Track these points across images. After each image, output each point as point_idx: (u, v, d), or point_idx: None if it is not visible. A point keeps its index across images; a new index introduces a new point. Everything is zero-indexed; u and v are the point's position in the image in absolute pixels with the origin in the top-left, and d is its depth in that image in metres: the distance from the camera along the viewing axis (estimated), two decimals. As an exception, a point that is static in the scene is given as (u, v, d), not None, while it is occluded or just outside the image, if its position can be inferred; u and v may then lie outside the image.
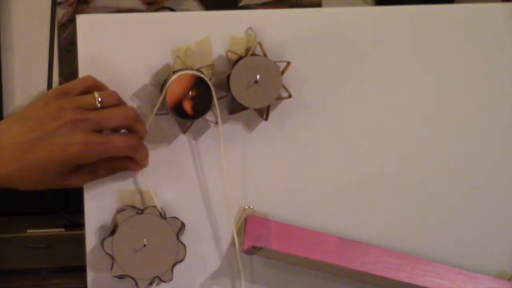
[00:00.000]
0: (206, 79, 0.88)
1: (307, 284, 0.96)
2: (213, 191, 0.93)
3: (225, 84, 0.91)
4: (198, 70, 0.89)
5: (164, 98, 0.88)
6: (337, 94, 0.95)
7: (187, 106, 0.89)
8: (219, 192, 0.93)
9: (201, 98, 0.89)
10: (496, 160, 0.97)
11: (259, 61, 0.90)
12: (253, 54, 0.91)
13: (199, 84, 0.88)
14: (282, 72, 0.91)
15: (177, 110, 0.88)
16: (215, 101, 0.89)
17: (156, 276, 0.89)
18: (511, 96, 0.97)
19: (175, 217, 0.90)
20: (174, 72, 0.89)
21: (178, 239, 0.90)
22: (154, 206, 0.90)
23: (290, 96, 0.92)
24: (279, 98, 0.92)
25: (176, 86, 0.88)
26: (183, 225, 0.91)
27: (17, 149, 0.82)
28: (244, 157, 0.94)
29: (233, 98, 0.90)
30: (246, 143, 0.94)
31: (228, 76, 0.89)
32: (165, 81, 0.90)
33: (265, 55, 0.91)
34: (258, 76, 0.89)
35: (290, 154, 0.95)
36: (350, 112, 0.95)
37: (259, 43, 0.91)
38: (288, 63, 0.91)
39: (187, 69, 0.89)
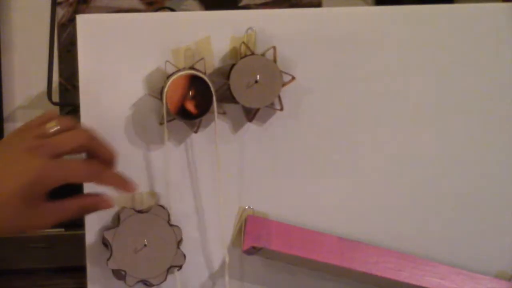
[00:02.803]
0: (201, 75, 0.88)
1: (307, 284, 0.96)
2: (213, 191, 0.93)
3: (226, 73, 0.90)
4: (191, 68, 0.89)
5: (166, 106, 0.88)
6: (336, 93, 0.95)
7: (190, 106, 0.89)
8: (219, 192, 0.93)
9: (202, 95, 0.89)
10: (496, 160, 0.97)
11: (260, 61, 0.90)
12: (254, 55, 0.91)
13: (196, 82, 0.88)
14: (284, 84, 0.91)
15: (182, 113, 0.88)
16: (214, 102, 0.89)
17: (170, 266, 0.89)
18: (511, 95, 0.97)
19: (178, 226, 0.90)
20: (168, 77, 0.89)
21: (178, 247, 0.90)
22: (161, 206, 0.90)
23: (281, 109, 0.92)
24: (271, 107, 0.91)
25: (173, 90, 0.88)
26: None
27: None
28: (244, 157, 0.94)
29: (228, 89, 0.90)
30: (246, 143, 0.94)
31: (232, 67, 0.89)
32: (163, 87, 0.90)
33: (275, 61, 0.91)
34: (258, 77, 0.89)
35: (290, 154, 0.95)
36: (349, 111, 0.95)
37: (274, 47, 0.91)
38: (293, 78, 0.91)
39: (179, 70, 0.89)
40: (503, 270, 0.97)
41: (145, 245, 0.89)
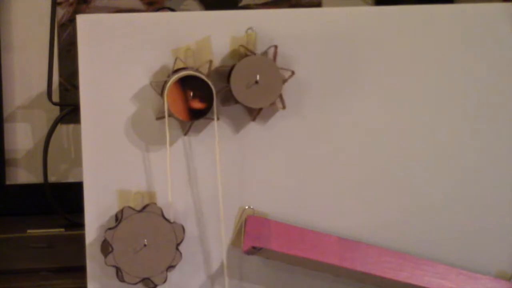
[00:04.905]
0: (192, 72, 0.88)
1: (307, 284, 0.96)
2: (213, 191, 0.93)
3: (226, 75, 0.91)
4: (174, 72, 0.90)
5: (176, 117, 0.89)
6: (336, 93, 0.95)
7: (196, 104, 0.89)
8: (219, 192, 0.93)
9: (201, 91, 0.89)
10: (496, 160, 0.97)
11: (259, 61, 0.90)
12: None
13: (190, 81, 0.89)
14: (285, 81, 0.91)
15: (194, 115, 0.89)
16: (214, 98, 0.89)
17: (148, 278, 0.90)
18: (510, 95, 0.97)
19: (181, 225, 0.91)
20: (162, 90, 0.90)
21: (176, 247, 0.90)
22: (155, 203, 0.90)
23: (284, 107, 0.92)
24: (273, 105, 0.91)
25: (173, 102, 0.89)
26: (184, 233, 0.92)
27: None
28: (244, 157, 0.94)
29: (229, 91, 0.90)
30: (247, 143, 0.94)
31: (232, 68, 0.89)
32: (164, 87, 0.90)
33: (275, 59, 0.91)
34: (258, 77, 0.89)
35: (290, 155, 0.95)
36: (350, 112, 0.95)
37: (275, 46, 0.91)
38: (292, 73, 0.91)
39: (166, 81, 0.90)
40: (503, 270, 0.97)
41: (144, 244, 0.89)
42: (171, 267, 0.90)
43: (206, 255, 0.94)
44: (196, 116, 0.90)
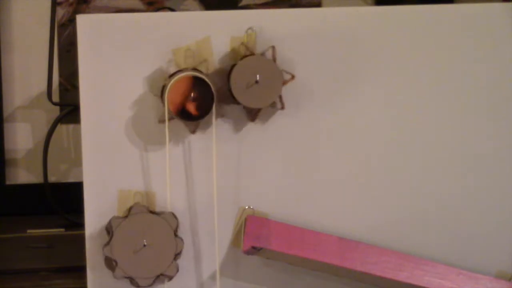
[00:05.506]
0: (204, 77, 0.88)
1: (307, 284, 0.96)
2: (212, 191, 0.93)
3: (226, 76, 0.91)
4: (193, 69, 0.89)
5: (167, 106, 0.88)
6: (336, 93, 0.95)
7: (191, 107, 0.89)
8: (219, 192, 0.93)
9: (203, 97, 0.89)
10: (496, 160, 0.97)
11: (259, 61, 0.90)
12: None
13: (198, 83, 0.88)
14: (284, 83, 0.91)
15: (182, 114, 0.88)
16: (214, 105, 0.89)
17: (161, 274, 0.89)
18: (511, 95, 0.97)
19: (181, 239, 0.91)
20: (170, 76, 0.89)
21: (175, 234, 0.90)
22: (138, 202, 0.90)
23: (283, 107, 0.92)
24: (273, 106, 0.92)
25: (175, 91, 0.88)
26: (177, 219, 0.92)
27: None
28: (244, 157, 0.94)
29: (229, 89, 0.90)
30: (247, 143, 0.94)
31: (232, 67, 0.89)
32: (164, 86, 0.90)
33: (274, 60, 0.91)
34: (258, 77, 0.89)
35: (290, 154, 0.95)
36: (350, 111, 0.95)
37: (273, 47, 0.91)
38: (292, 77, 0.91)
39: (181, 70, 0.89)
40: (503, 270, 0.97)
41: (144, 245, 0.89)
42: (177, 255, 0.90)
43: (206, 254, 0.94)
44: (181, 116, 0.89)
